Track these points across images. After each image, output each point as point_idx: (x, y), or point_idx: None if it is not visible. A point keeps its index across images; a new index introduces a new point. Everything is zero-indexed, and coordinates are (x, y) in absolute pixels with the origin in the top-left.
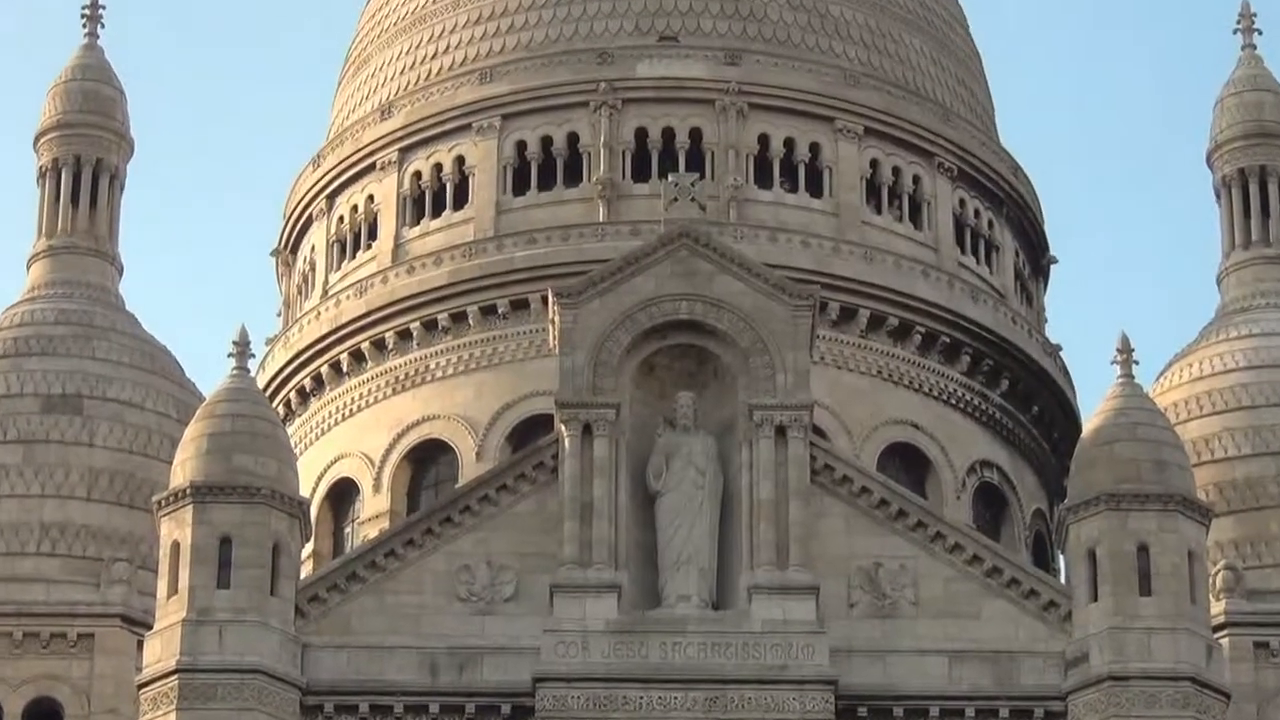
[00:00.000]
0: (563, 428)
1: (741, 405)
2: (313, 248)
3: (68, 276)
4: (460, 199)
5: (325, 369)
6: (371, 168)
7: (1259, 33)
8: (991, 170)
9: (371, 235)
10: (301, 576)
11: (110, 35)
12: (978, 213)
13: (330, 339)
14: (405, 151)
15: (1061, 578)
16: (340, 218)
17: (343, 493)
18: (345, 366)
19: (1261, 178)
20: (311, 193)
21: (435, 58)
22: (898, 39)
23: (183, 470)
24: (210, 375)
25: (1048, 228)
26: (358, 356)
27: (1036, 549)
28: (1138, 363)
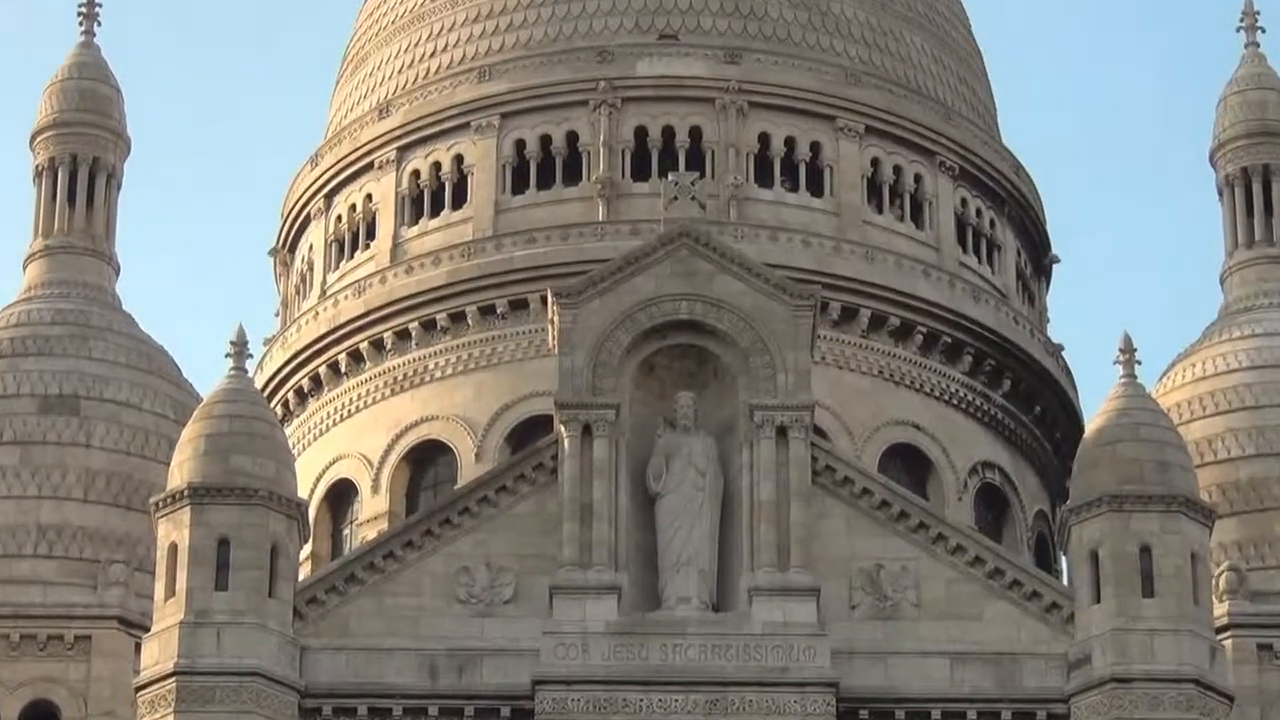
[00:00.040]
0: (562, 428)
1: (742, 406)
2: (311, 247)
3: (64, 276)
4: (459, 198)
5: (323, 369)
6: (370, 167)
7: (1262, 31)
8: (993, 169)
9: (370, 235)
10: (300, 578)
11: (107, 33)
12: (979, 212)
13: (328, 339)
14: (403, 150)
15: (1064, 579)
16: (338, 217)
17: (341, 494)
18: (343, 367)
19: (1265, 176)
20: (309, 192)
21: (433, 56)
22: (899, 37)
23: (180, 471)
24: (208, 375)
25: (1050, 227)
26: (356, 357)
27: (1039, 550)
28: (1140, 363)
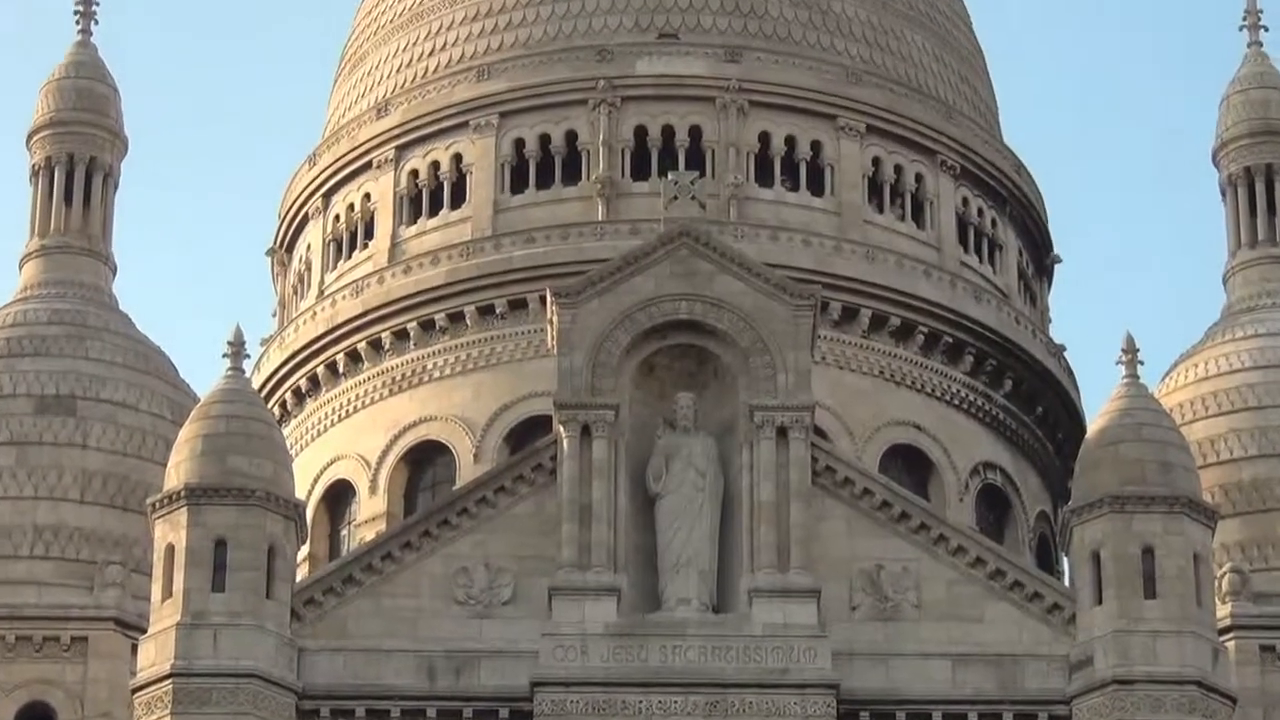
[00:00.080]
0: (561, 429)
1: (742, 406)
2: (308, 247)
3: (61, 276)
4: (457, 198)
5: (321, 370)
6: (368, 166)
7: (1265, 29)
8: (995, 168)
9: (368, 234)
10: (297, 579)
11: (104, 32)
12: (981, 211)
13: (326, 339)
14: (402, 150)
15: (1065, 580)
16: (336, 216)
17: (339, 495)
18: (341, 367)
19: (1268, 176)
20: (307, 191)
21: (432, 55)
22: (900, 36)
23: (177, 472)
24: (205, 376)
25: (1052, 226)
26: (354, 357)
27: (1040, 551)
28: (1143, 363)
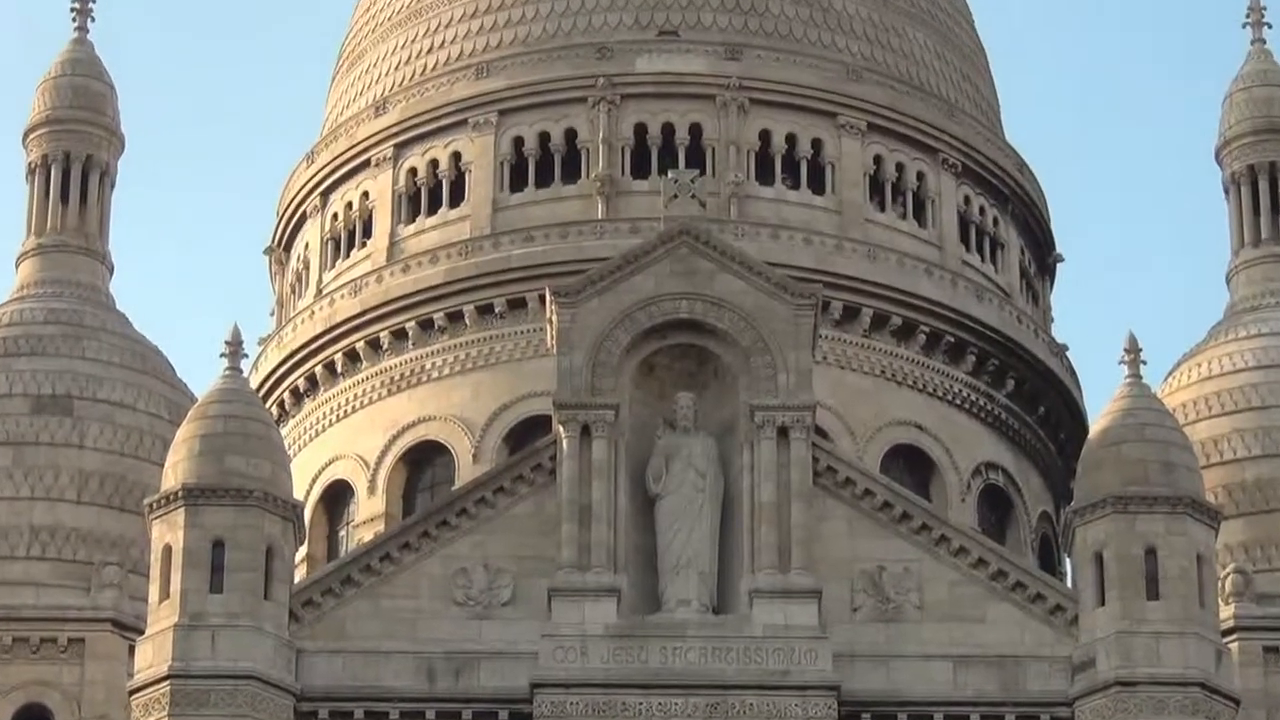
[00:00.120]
0: (561, 429)
1: (743, 406)
2: (306, 245)
3: (57, 275)
4: (456, 196)
5: (319, 369)
6: (366, 164)
7: (1268, 27)
8: (997, 167)
9: (366, 233)
10: (295, 580)
11: (100, 30)
12: (983, 210)
13: (324, 338)
14: (400, 148)
15: (1068, 581)
16: (334, 215)
17: (337, 495)
18: (340, 367)
19: (1271, 174)
20: (305, 190)
21: (430, 53)
22: (901, 33)
23: (174, 472)
24: (202, 375)
25: (1054, 225)
26: (352, 356)
27: (1043, 552)
28: (1145, 362)
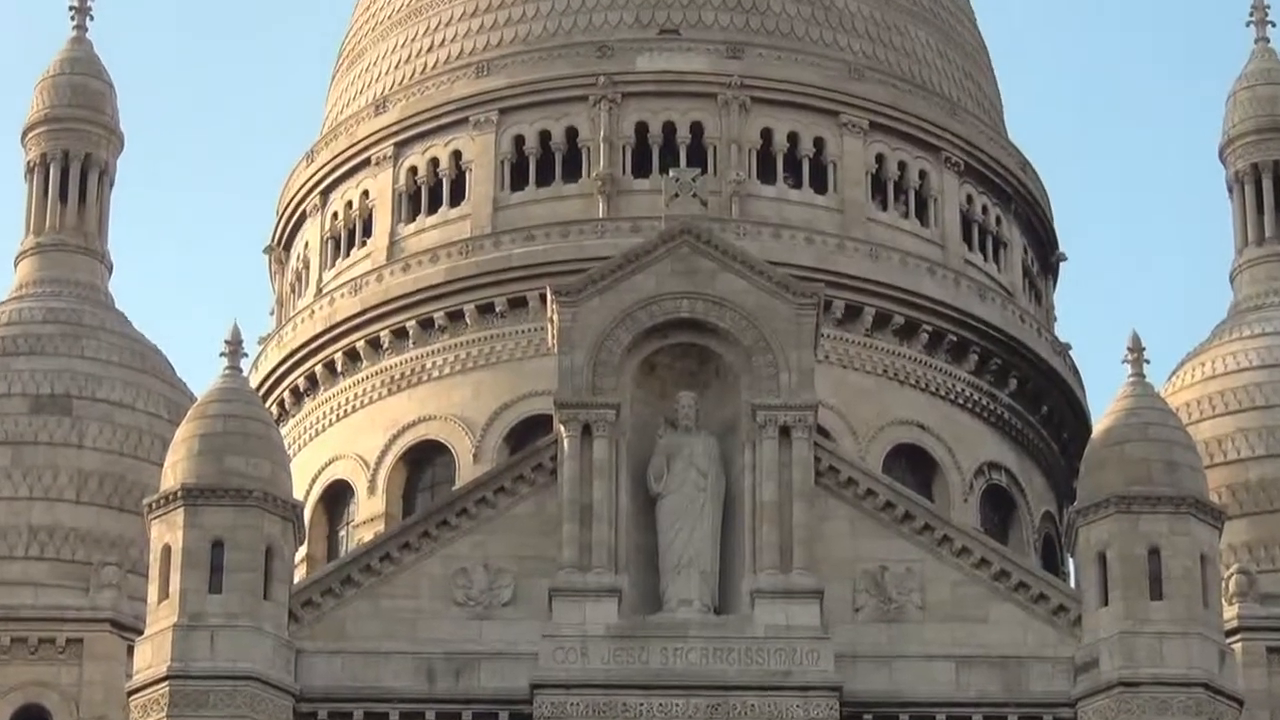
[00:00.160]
0: (562, 428)
1: (744, 405)
2: (306, 244)
3: (56, 274)
4: (457, 195)
5: (319, 368)
6: (366, 163)
7: (1272, 25)
8: (999, 165)
9: (366, 232)
10: (295, 581)
11: (99, 28)
12: (985, 209)
13: (324, 338)
14: (400, 146)
15: (1071, 581)
16: (334, 214)
17: (337, 495)
18: (340, 366)
19: (1275, 173)
20: (305, 188)
21: (430, 51)
22: (903, 31)
23: (174, 472)
24: (202, 375)
25: (1057, 224)
26: (352, 356)
27: (1045, 552)
28: (1149, 362)
